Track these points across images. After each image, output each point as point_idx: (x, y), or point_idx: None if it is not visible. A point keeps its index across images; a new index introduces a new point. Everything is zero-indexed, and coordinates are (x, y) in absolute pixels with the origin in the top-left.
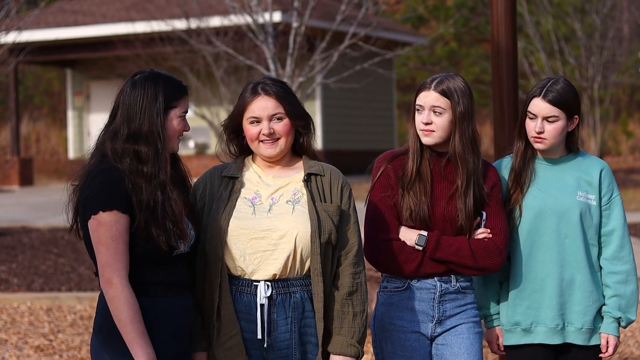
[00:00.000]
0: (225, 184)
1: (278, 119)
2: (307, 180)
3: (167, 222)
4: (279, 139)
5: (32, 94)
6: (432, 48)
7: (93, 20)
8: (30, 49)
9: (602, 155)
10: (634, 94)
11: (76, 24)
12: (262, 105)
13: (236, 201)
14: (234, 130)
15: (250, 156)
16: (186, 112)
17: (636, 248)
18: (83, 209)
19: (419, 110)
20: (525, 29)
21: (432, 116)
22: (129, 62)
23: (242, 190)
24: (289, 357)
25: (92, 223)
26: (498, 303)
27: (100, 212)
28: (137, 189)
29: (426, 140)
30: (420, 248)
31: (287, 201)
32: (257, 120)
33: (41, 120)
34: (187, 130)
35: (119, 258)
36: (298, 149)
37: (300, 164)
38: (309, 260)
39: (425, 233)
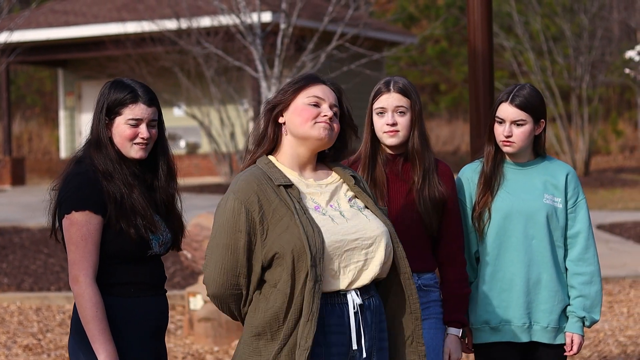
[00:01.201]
0: (284, 193)
1: (335, 113)
2: (357, 184)
3: (136, 217)
4: (333, 128)
5: (24, 93)
6: (423, 47)
7: (84, 21)
8: (21, 49)
9: (591, 154)
10: (623, 93)
11: (67, 24)
12: (327, 92)
13: (309, 212)
14: (276, 114)
15: (273, 158)
16: (136, 119)
17: (621, 247)
18: (59, 209)
19: (381, 113)
20: (514, 29)
21: (396, 117)
22: (120, 62)
23: (304, 200)
24: None
25: (65, 222)
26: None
27: (73, 212)
28: (106, 189)
29: (391, 141)
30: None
31: (350, 206)
32: (317, 102)
33: (33, 119)
34: (143, 137)
35: (87, 257)
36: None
37: (324, 167)
38: (387, 265)
39: (459, 332)
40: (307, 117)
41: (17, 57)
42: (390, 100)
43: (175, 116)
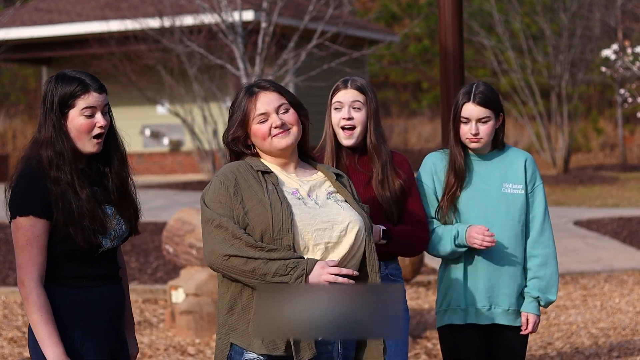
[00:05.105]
0: (263, 178)
1: (284, 110)
2: (339, 180)
3: (84, 220)
4: (290, 128)
5: (9, 90)
6: (405, 45)
7: (68, 19)
8: (5, 47)
9: (571, 151)
10: (604, 91)
11: (51, 22)
12: (266, 100)
13: (284, 193)
14: (243, 140)
15: (259, 158)
16: (91, 107)
17: (597, 242)
18: (7, 212)
19: (338, 108)
20: (495, 28)
21: (352, 112)
22: (104, 60)
23: (282, 185)
24: (333, 352)
25: (12, 226)
26: None
27: (18, 217)
28: (52, 192)
29: (347, 142)
30: (385, 242)
31: (327, 198)
32: (264, 117)
33: (17, 117)
34: (101, 126)
35: (33, 260)
36: (303, 145)
37: (308, 167)
38: (357, 256)
39: (384, 227)
40: (262, 136)
41: (1, 55)
42: (347, 95)
43: (159, 114)
